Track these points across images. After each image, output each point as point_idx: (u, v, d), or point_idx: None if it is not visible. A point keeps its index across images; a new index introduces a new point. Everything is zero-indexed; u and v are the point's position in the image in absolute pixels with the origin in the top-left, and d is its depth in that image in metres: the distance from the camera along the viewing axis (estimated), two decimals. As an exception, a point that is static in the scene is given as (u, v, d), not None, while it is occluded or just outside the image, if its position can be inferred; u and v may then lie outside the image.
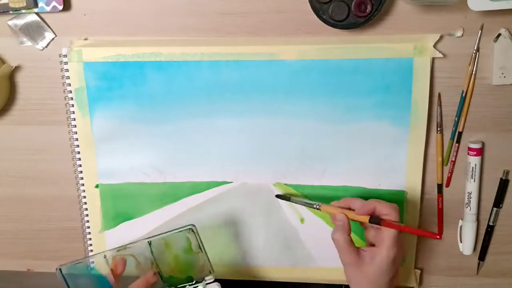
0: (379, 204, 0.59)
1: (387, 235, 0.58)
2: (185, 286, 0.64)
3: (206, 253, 0.64)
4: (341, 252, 0.59)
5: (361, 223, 0.61)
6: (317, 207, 0.63)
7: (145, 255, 0.63)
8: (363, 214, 0.59)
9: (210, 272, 0.64)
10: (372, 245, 0.60)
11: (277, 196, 0.68)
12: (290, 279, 0.72)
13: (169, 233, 0.63)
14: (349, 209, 0.61)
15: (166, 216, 0.71)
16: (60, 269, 0.62)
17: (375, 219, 0.58)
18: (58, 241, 0.75)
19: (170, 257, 0.65)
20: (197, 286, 0.64)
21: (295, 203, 0.67)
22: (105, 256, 0.63)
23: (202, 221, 0.70)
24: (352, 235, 0.60)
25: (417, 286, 0.71)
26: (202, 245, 0.64)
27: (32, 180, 0.72)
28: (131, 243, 0.63)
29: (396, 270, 0.60)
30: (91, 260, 0.64)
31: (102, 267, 0.63)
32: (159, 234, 0.64)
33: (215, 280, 0.65)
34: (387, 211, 0.58)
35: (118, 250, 0.63)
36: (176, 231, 0.63)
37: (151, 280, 0.63)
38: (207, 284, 0.64)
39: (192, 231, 0.63)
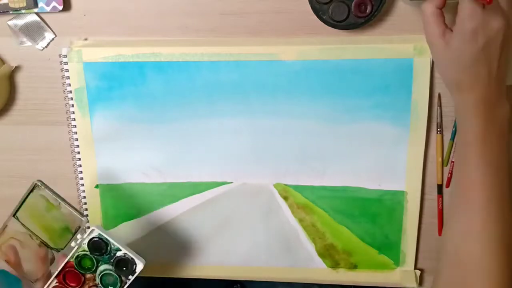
0: None
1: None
2: (70, 242, 0.61)
3: (66, 201, 0.60)
4: (426, 24, 0.54)
5: None
6: None
7: (21, 231, 0.60)
8: None
9: (81, 218, 0.61)
10: None
11: None
12: (290, 279, 0.72)
13: (24, 200, 0.60)
14: None
15: (166, 216, 0.71)
16: None
17: None
18: (58, 241, 0.75)
19: (41, 222, 0.61)
20: (77, 236, 0.61)
21: None
22: None
23: (202, 222, 0.70)
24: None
25: (417, 286, 0.71)
26: (58, 195, 0.60)
27: (32, 180, 0.72)
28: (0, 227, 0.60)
29: (490, 41, 0.52)
30: None
31: None
32: (18, 207, 0.60)
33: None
34: None
35: None
36: (27, 194, 0.59)
37: (42, 253, 0.60)
38: (83, 230, 0.61)
39: (40, 186, 0.59)
